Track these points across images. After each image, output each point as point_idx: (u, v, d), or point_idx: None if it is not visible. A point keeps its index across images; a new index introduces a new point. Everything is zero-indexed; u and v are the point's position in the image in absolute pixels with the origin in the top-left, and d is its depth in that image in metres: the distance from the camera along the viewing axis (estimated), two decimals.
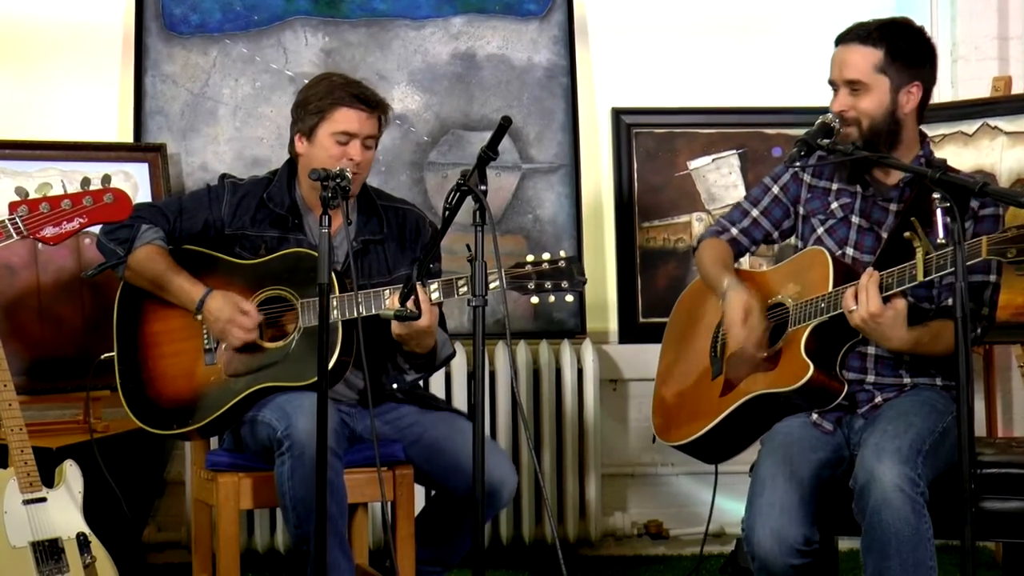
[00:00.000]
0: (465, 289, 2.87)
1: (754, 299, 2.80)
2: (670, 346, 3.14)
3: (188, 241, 3.11)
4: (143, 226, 3.06)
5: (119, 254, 3.05)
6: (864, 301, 2.60)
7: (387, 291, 2.93)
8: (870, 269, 2.64)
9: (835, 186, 2.91)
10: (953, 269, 2.47)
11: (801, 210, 2.95)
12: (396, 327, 2.87)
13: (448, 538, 3.11)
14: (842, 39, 2.82)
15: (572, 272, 2.82)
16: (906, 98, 2.80)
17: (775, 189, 2.99)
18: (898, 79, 2.78)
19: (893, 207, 2.82)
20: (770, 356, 2.79)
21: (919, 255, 2.55)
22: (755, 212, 3.00)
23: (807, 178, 2.95)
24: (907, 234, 2.58)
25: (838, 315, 2.69)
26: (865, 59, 2.77)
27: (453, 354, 3.18)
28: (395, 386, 3.08)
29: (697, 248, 3.05)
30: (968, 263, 2.45)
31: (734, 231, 3.01)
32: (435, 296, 2.90)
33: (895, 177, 2.84)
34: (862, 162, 2.78)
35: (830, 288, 2.72)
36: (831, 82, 2.82)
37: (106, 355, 3.11)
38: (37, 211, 2.71)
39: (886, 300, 2.61)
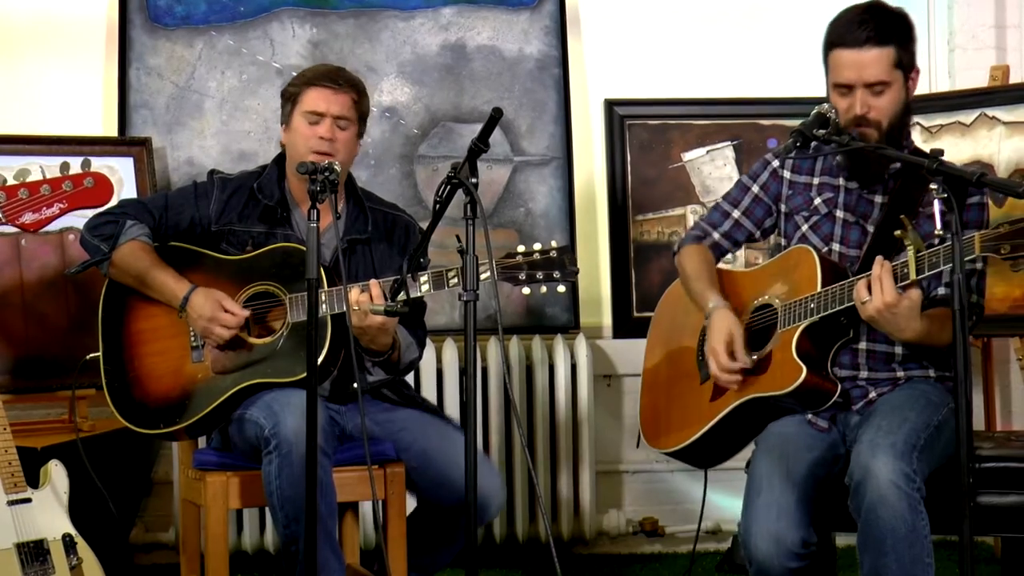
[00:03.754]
0: (456, 281, 2.85)
1: (737, 326, 2.75)
2: (655, 347, 3.10)
3: (174, 238, 3.08)
4: (128, 222, 3.03)
5: (103, 250, 3.02)
6: (879, 292, 2.55)
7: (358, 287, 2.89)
8: (880, 258, 2.59)
9: (817, 180, 2.86)
10: (945, 267, 2.46)
11: (783, 207, 2.90)
12: (356, 321, 2.84)
13: (435, 545, 3.09)
14: (849, 43, 2.71)
15: (564, 262, 2.80)
16: (912, 85, 2.77)
17: (755, 188, 2.93)
18: (907, 68, 2.74)
19: (878, 199, 2.79)
20: (761, 359, 2.75)
21: (910, 253, 2.51)
22: (736, 213, 2.94)
23: (787, 174, 2.89)
24: (897, 232, 2.54)
25: (828, 315, 2.65)
26: (885, 59, 2.70)
27: (418, 358, 3.16)
28: (355, 385, 3.03)
29: (677, 253, 3.00)
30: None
31: (715, 235, 2.96)
32: (424, 288, 2.88)
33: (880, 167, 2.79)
34: (859, 154, 2.74)
35: (819, 287, 2.68)
36: (841, 85, 2.73)
37: (91, 355, 3.08)
38: (16, 197, 2.68)
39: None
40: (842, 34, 2.72)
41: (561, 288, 2.83)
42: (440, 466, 2.98)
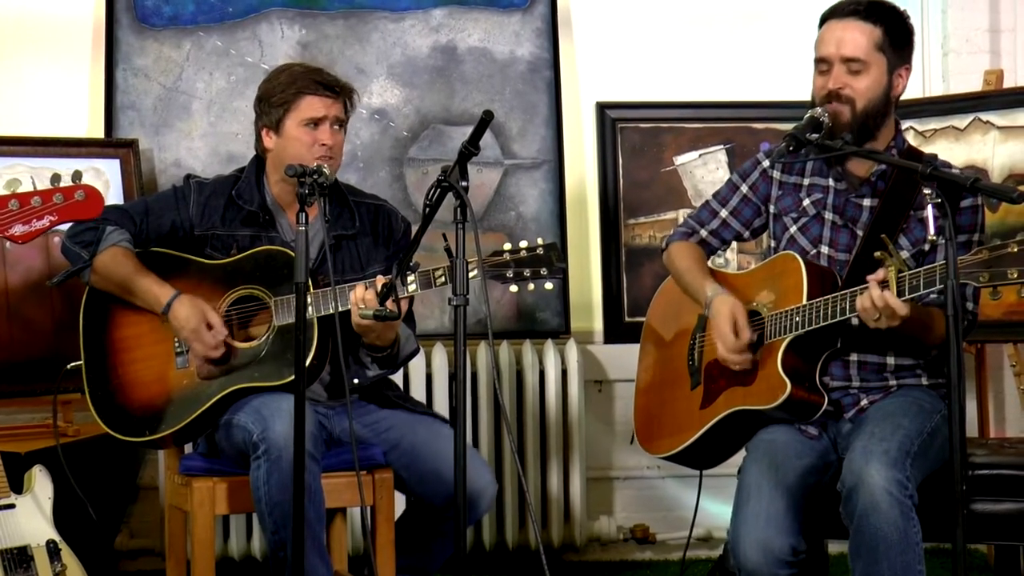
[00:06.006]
0: (443, 280, 2.83)
1: (740, 306, 2.73)
2: (648, 349, 3.08)
3: (156, 243, 3.05)
4: (108, 228, 3.01)
5: (84, 258, 2.99)
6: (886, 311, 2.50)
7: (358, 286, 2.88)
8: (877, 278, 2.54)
9: (807, 181, 2.83)
10: (926, 291, 2.45)
11: (772, 208, 2.88)
12: (359, 319, 2.83)
13: (426, 546, 3.07)
14: (837, 14, 2.72)
15: (551, 258, 2.80)
16: (898, 81, 2.74)
17: (744, 188, 2.91)
18: (894, 60, 2.72)
19: (867, 202, 2.76)
20: (747, 369, 2.72)
21: (891, 274, 2.49)
22: (724, 212, 2.93)
23: (777, 175, 2.87)
24: (878, 253, 2.52)
25: (813, 329, 2.63)
26: (866, 36, 2.69)
27: (417, 350, 3.15)
28: (356, 381, 3.02)
29: (665, 251, 2.99)
30: (936, 288, 2.43)
31: (703, 232, 2.95)
32: (411, 288, 2.87)
33: (867, 169, 2.76)
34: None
35: (804, 298, 2.66)
36: (822, 59, 2.72)
37: (73, 364, 3.05)
38: (6, 208, 2.64)
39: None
40: (833, 8, 2.74)
41: (549, 285, 2.82)
42: (429, 461, 2.97)
